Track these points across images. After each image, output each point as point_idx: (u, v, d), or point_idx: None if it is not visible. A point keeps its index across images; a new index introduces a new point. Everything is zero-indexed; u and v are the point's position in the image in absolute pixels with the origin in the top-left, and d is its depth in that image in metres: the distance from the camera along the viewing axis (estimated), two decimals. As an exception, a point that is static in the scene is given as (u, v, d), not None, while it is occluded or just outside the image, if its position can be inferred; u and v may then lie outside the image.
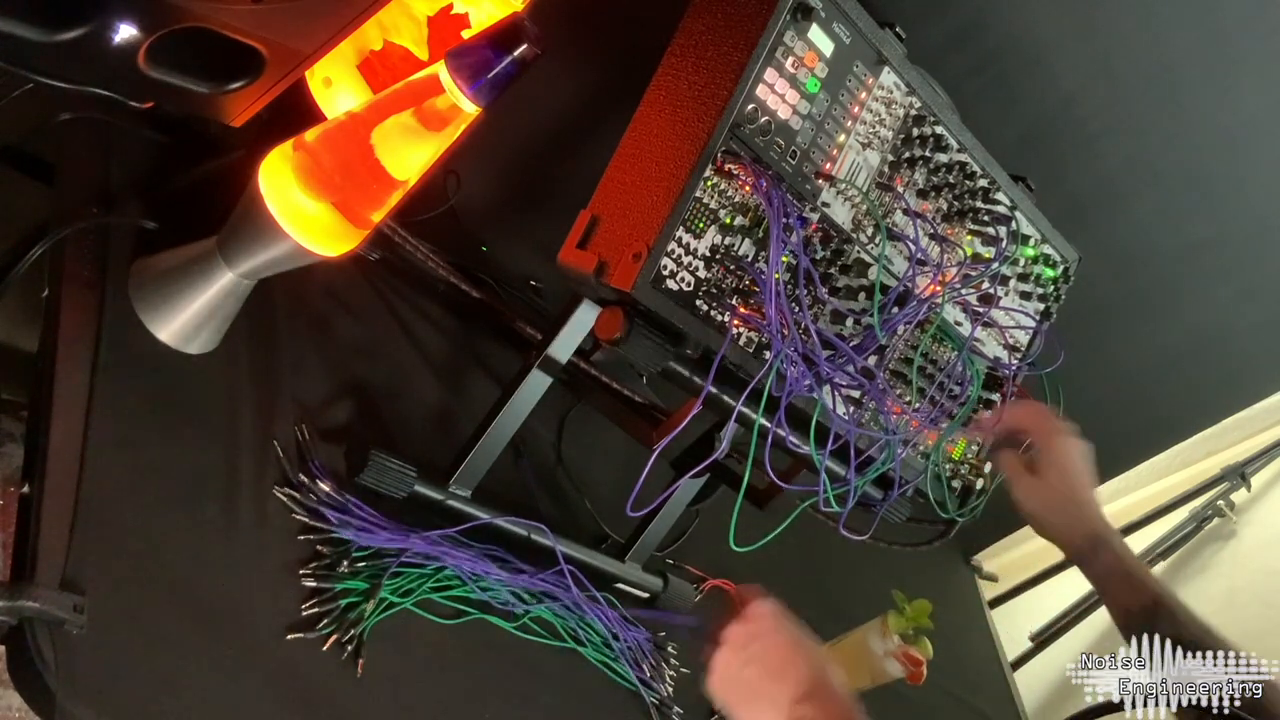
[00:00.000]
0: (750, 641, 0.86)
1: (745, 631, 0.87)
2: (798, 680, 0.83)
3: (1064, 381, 1.18)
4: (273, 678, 0.81)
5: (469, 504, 1.03)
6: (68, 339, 0.81)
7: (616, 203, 0.97)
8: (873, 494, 1.15)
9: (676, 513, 1.22)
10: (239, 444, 0.90)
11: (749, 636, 0.87)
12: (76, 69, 0.74)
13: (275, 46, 0.76)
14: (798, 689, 0.83)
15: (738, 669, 0.86)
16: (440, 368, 1.23)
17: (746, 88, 0.92)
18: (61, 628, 0.68)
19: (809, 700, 0.82)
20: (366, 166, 0.83)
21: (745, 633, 0.87)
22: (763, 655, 0.85)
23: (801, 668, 0.84)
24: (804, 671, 0.84)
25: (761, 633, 0.87)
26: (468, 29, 1.01)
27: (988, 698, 1.06)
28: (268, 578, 0.86)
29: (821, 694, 0.83)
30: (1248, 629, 1.77)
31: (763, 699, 0.84)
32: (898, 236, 1.05)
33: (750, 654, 0.86)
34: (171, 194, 0.97)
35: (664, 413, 1.25)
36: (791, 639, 0.87)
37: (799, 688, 0.83)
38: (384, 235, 1.10)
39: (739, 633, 0.87)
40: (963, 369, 1.14)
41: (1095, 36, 1.34)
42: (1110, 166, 1.51)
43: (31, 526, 0.71)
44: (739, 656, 0.86)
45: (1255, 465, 1.95)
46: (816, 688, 0.83)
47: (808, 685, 0.83)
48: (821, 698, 0.82)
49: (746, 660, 0.86)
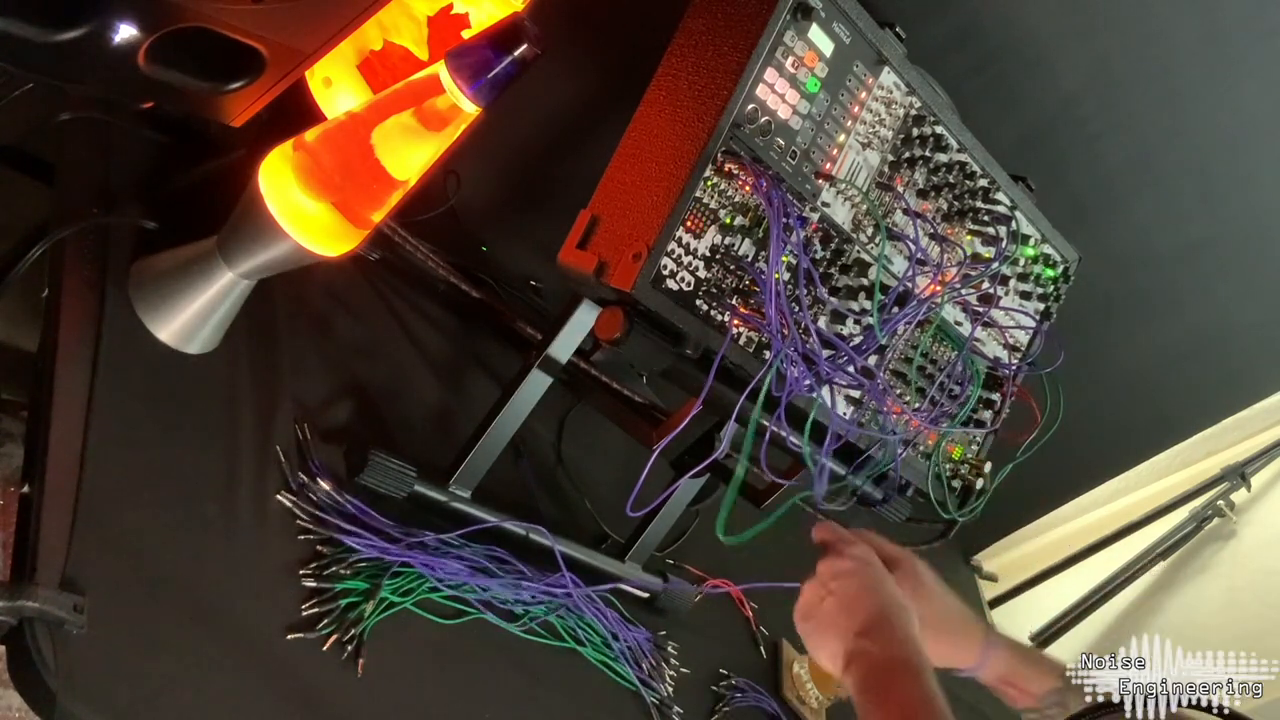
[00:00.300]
0: (834, 578, 0.92)
1: (832, 568, 0.93)
2: (866, 616, 0.89)
3: (1064, 381, 1.17)
4: (273, 678, 0.81)
5: (469, 504, 1.03)
6: (68, 339, 0.81)
7: (616, 203, 0.97)
8: (872, 493, 1.15)
9: (676, 513, 1.22)
10: (239, 444, 0.90)
11: (835, 573, 0.93)
12: (76, 69, 0.74)
13: (275, 46, 0.76)
14: (864, 624, 0.88)
15: (818, 600, 0.92)
16: (440, 368, 1.23)
17: (746, 88, 0.92)
18: (61, 628, 0.68)
19: (870, 635, 0.87)
20: (366, 166, 0.83)
21: (832, 569, 0.93)
22: (841, 590, 0.91)
23: (871, 606, 0.90)
24: (873, 610, 0.89)
25: (846, 571, 0.93)
26: (468, 29, 1.01)
27: (988, 698, 1.06)
28: (268, 578, 0.86)
29: (885, 632, 0.88)
30: (1248, 629, 1.78)
31: (831, 629, 0.90)
32: (898, 236, 1.05)
33: (831, 589, 0.92)
34: (171, 194, 0.97)
35: (664, 413, 1.25)
36: (873, 580, 0.93)
37: (865, 623, 0.88)
38: (384, 235, 1.10)
39: (826, 568, 0.94)
40: (963, 369, 1.14)
41: (1095, 36, 1.34)
42: (1110, 166, 1.51)
43: (31, 526, 0.71)
44: (823, 590, 0.92)
45: (1255, 465, 1.95)
46: (882, 624, 0.88)
47: (874, 622, 0.88)
48: (885, 636, 0.87)
49: (828, 594, 0.92)
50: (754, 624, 1.37)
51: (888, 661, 0.86)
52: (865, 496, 1.15)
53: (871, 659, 0.86)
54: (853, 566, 0.93)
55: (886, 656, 0.86)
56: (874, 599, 0.91)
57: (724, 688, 1.25)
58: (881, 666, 0.86)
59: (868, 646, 0.86)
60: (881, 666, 0.86)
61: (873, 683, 0.85)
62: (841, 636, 0.89)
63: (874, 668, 0.86)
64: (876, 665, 0.86)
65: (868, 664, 0.86)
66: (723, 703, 1.23)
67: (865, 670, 0.86)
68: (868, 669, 0.86)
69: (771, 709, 1.28)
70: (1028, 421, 1.18)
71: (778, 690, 1.32)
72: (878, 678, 0.85)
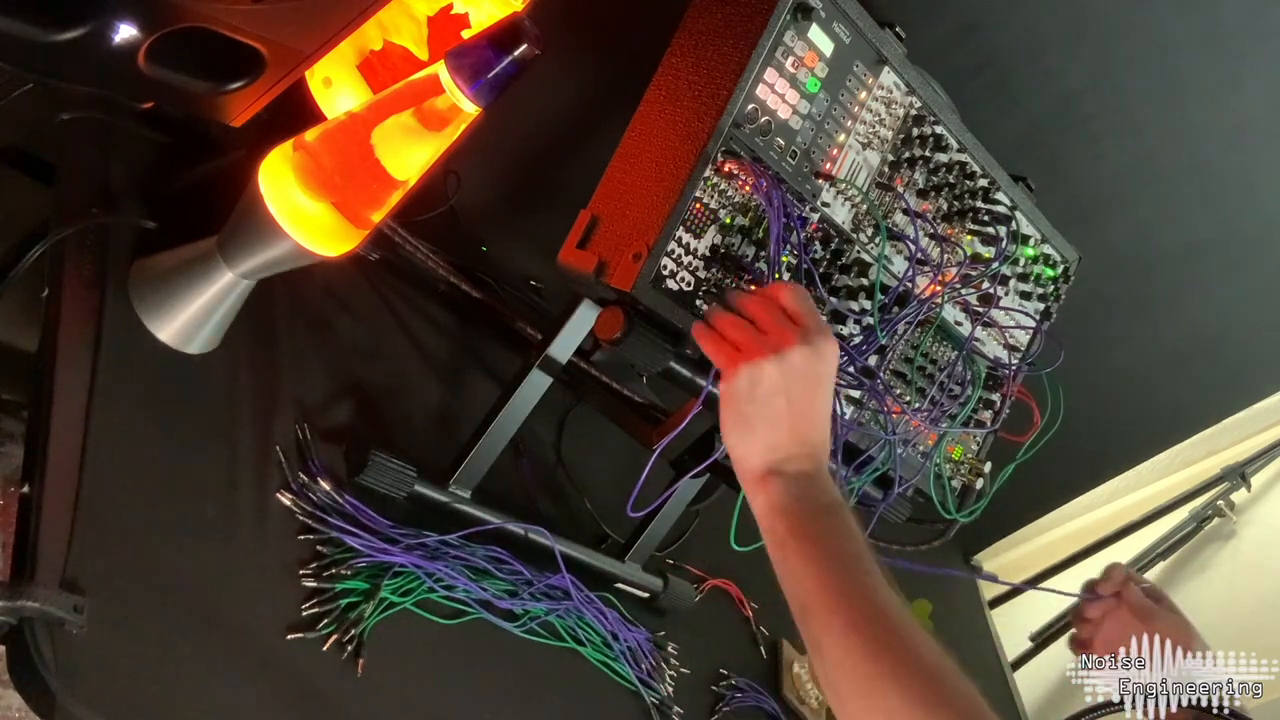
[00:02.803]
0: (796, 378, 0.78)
1: (803, 361, 0.79)
2: (813, 452, 0.79)
3: (1064, 381, 1.17)
4: (273, 678, 0.81)
5: (469, 504, 1.03)
6: (68, 339, 0.81)
7: (616, 203, 0.97)
8: (872, 494, 1.15)
9: (676, 513, 1.22)
10: (239, 444, 0.90)
11: (801, 370, 0.78)
12: (76, 69, 0.74)
13: (275, 46, 0.76)
14: (805, 460, 0.79)
15: (766, 394, 0.79)
16: (440, 368, 1.23)
17: (746, 87, 0.92)
18: (61, 628, 0.68)
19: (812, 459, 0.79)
20: (366, 166, 0.83)
21: (804, 361, 0.78)
22: (801, 397, 0.79)
23: (822, 423, 0.80)
24: (823, 429, 0.80)
25: (819, 376, 0.79)
26: (468, 29, 1.01)
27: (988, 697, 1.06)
28: (268, 578, 0.86)
29: (823, 456, 0.79)
30: (1248, 629, 1.78)
31: (762, 439, 0.79)
32: (898, 236, 1.05)
33: (788, 388, 0.78)
34: (171, 194, 0.97)
35: (664, 413, 1.25)
36: (829, 388, 0.81)
37: (808, 461, 0.79)
38: (384, 235, 1.10)
39: (808, 361, 0.79)
40: (963, 369, 1.14)
41: (1095, 36, 1.34)
42: (1110, 166, 1.51)
43: (31, 526, 0.71)
44: (775, 383, 0.78)
45: (1255, 465, 1.95)
46: (823, 449, 0.80)
47: (820, 444, 0.80)
48: (818, 483, 0.78)
49: (779, 391, 0.78)
50: (754, 624, 1.37)
51: (829, 501, 0.78)
52: (866, 497, 1.15)
53: (805, 486, 0.78)
54: (826, 370, 0.80)
55: (823, 491, 0.78)
56: (825, 411, 0.80)
57: (724, 688, 1.25)
58: (814, 498, 0.78)
59: (807, 469, 0.78)
60: (814, 498, 0.78)
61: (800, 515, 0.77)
62: (771, 450, 0.79)
63: (805, 497, 0.77)
64: (808, 497, 0.77)
65: (800, 491, 0.78)
66: (723, 703, 1.23)
67: (796, 496, 0.77)
68: (799, 496, 0.77)
69: (771, 709, 1.28)
70: (1028, 422, 1.18)
71: (778, 690, 1.32)
72: (810, 509, 0.77)
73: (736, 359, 0.80)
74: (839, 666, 0.71)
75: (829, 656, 0.72)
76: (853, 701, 0.70)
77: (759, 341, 0.80)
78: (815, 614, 0.73)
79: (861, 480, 1.12)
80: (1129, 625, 1.05)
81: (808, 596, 0.74)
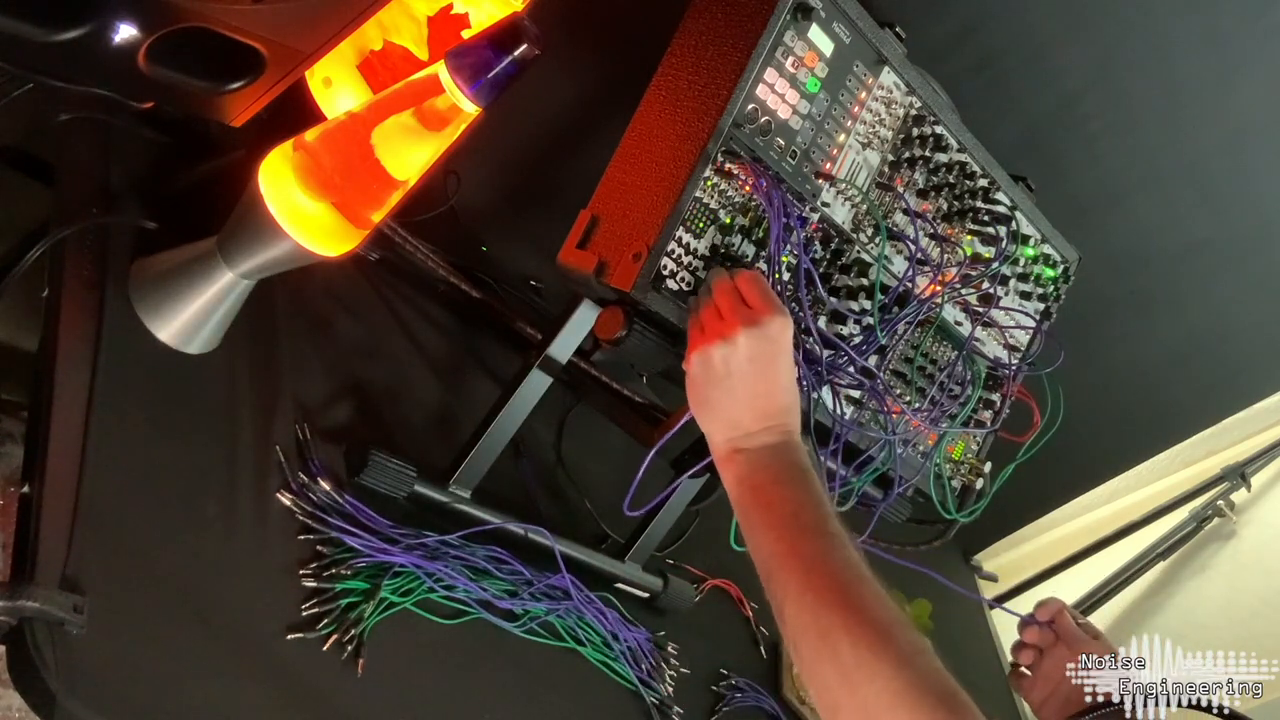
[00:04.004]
0: (744, 359, 0.81)
1: (750, 342, 0.81)
2: (777, 424, 0.82)
3: (1064, 381, 1.17)
4: (273, 678, 0.81)
5: (469, 504, 1.03)
6: (68, 339, 0.81)
7: (616, 203, 0.97)
8: (872, 494, 1.15)
9: (676, 513, 1.22)
10: (239, 444, 0.90)
11: (748, 351, 0.81)
12: (76, 69, 0.74)
13: (275, 46, 0.76)
14: (768, 433, 0.81)
15: (719, 376, 0.82)
16: (440, 368, 1.23)
17: (746, 88, 0.92)
18: (61, 628, 0.68)
19: (777, 430, 0.81)
20: (366, 166, 0.83)
21: (750, 343, 0.81)
22: (753, 375, 0.82)
23: (780, 410, 0.82)
24: (787, 400, 0.82)
25: (769, 355, 0.82)
26: (468, 29, 1.01)
27: (988, 698, 1.06)
28: (268, 578, 0.86)
29: (792, 423, 0.82)
30: (1248, 629, 1.78)
31: (723, 418, 0.83)
32: (898, 236, 1.05)
33: (739, 369, 0.82)
34: (171, 194, 0.97)
35: (664, 413, 1.25)
36: (789, 364, 0.83)
37: (771, 434, 0.82)
38: (384, 235, 1.10)
39: (755, 342, 0.81)
40: (963, 369, 1.14)
41: (1095, 36, 1.34)
42: (1110, 166, 1.51)
43: (31, 526, 0.71)
44: (726, 366, 0.82)
45: (1255, 465, 1.95)
46: (790, 417, 0.82)
47: (788, 414, 0.82)
48: (791, 429, 0.81)
49: (730, 373, 0.82)
50: (754, 624, 1.37)
51: (791, 468, 0.80)
52: (866, 497, 1.15)
53: (768, 458, 0.80)
54: (780, 348, 0.82)
55: (786, 461, 0.81)
56: (785, 383, 0.83)
57: (724, 688, 1.25)
58: (776, 467, 0.80)
59: (770, 441, 0.81)
60: (776, 467, 0.80)
61: (761, 484, 0.80)
62: (733, 428, 0.82)
63: (767, 467, 0.80)
64: (770, 466, 0.80)
65: (762, 462, 0.80)
66: (723, 703, 1.23)
67: (758, 467, 0.80)
68: (761, 466, 0.80)
69: (771, 709, 1.28)
70: (1028, 422, 1.18)
71: (778, 690, 1.32)
72: (770, 478, 0.80)
73: (696, 344, 0.84)
74: (795, 624, 0.73)
75: (788, 617, 0.74)
76: (808, 657, 0.73)
77: (713, 328, 0.84)
78: (775, 577, 0.76)
79: (861, 480, 1.12)
80: (1065, 658, 1.06)
81: (771, 562, 0.77)
